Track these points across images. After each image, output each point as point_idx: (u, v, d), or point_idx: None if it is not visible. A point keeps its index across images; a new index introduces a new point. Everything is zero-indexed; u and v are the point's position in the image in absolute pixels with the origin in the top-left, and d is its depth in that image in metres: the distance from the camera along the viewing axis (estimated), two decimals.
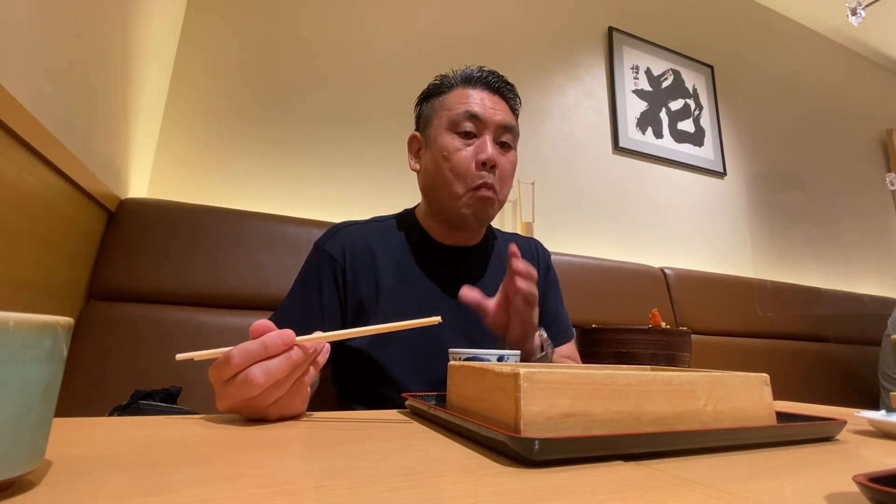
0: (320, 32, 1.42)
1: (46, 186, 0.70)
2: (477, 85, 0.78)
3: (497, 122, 0.76)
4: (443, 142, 0.75)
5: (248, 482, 0.24)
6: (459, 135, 0.75)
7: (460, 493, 0.24)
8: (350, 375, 0.75)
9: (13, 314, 0.20)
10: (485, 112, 0.75)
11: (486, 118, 0.75)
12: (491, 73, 0.80)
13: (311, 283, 0.74)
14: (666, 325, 0.65)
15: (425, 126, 0.81)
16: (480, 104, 0.76)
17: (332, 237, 0.79)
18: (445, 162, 0.75)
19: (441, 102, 0.79)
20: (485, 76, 0.79)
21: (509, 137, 0.78)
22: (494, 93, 0.79)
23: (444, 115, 0.77)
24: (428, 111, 0.81)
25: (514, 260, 0.61)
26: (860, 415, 0.48)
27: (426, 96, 0.83)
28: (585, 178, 1.76)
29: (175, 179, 1.19)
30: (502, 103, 0.79)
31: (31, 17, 0.62)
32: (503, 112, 0.77)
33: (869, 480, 0.21)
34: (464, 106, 0.75)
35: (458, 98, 0.77)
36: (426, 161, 0.80)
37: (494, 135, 0.76)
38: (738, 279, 1.74)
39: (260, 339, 0.40)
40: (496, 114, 0.76)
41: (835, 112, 2.53)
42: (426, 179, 0.80)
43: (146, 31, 1.01)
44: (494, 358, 0.58)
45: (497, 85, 0.79)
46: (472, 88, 0.78)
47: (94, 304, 0.90)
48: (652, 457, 0.31)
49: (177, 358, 0.42)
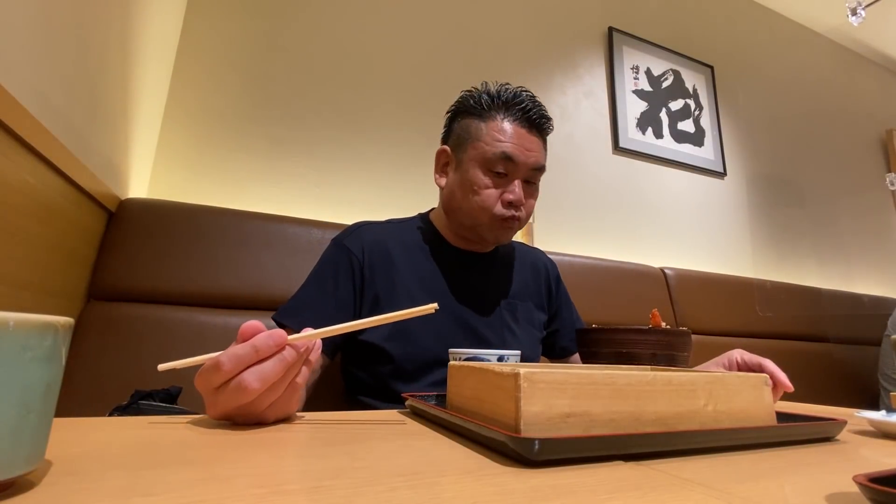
0: (320, 32, 1.42)
1: (46, 186, 0.70)
2: (516, 118, 0.76)
3: (531, 164, 0.75)
4: (474, 175, 0.75)
5: (248, 482, 0.24)
6: (492, 173, 0.75)
7: (460, 493, 0.24)
8: (362, 369, 0.76)
9: (13, 314, 0.20)
10: (520, 155, 0.74)
11: (520, 162, 0.74)
12: (531, 106, 0.77)
13: (328, 275, 0.75)
14: (666, 325, 0.65)
15: (457, 146, 0.79)
16: (517, 145, 0.74)
17: (351, 234, 0.80)
18: (473, 195, 0.75)
19: (477, 129, 0.76)
20: (525, 109, 0.76)
21: (537, 177, 0.79)
22: (532, 129, 0.77)
23: (480, 148, 0.75)
24: (462, 132, 0.79)
25: None
26: (860, 415, 0.48)
27: (461, 112, 0.81)
28: (585, 178, 1.76)
29: (175, 179, 1.19)
30: (538, 141, 0.77)
31: (32, 17, 0.62)
32: (537, 153, 0.77)
33: (869, 480, 0.21)
34: (500, 146, 0.74)
35: (494, 132, 0.75)
36: (452, 181, 0.79)
37: (526, 176, 0.76)
38: (738, 279, 1.74)
39: (250, 343, 0.38)
40: (531, 157, 0.75)
41: (835, 112, 2.53)
42: (451, 199, 0.80)
43: (146, 31, 1.01)
44: (494, 358, 0.58)
45: (536, 120, 0.77)
46: (510, 122, 0.76)
47: (94, 304, 0.90)
48: (652, 457, 0.31)
49: (159, 368, 0.40)
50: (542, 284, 0.92)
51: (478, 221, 0.77)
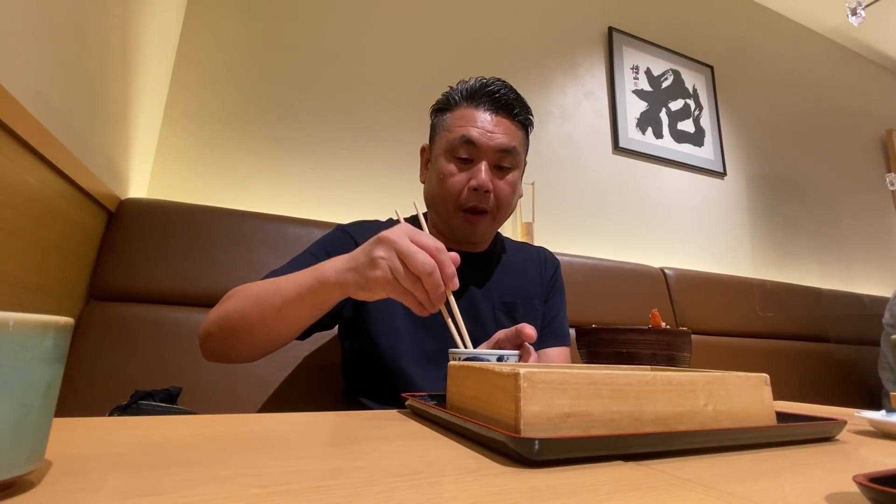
0: (320, 33, 1.42)
1: (46, 186, 0.70)
2: (481, 103, 0.75)
3: (494, 146, 0.74)
4: (440, 165, 0.76)
5: (248, 482, 0.24)
6: (456, 159, 0.75)
7: (460, 493, 0.24)
8: (360, 370, 0.76)
9: (13, 314, 0.20)
10: (482, 137, 0.73)
11: (482, 144, 0.73)
12: (497, 89, 0.76)
13: (321, 249, 0.75)
14: (666, 325, 0.65)
15: (431, 141, 0.81)
16: (479, 129, 0.74)
17: (355, 224, 0.83)
18: (440, 184, 0.76)
19: (444, 121, 0.77)
20: (490, 92, 0.75)
21: (509, 160, 0.76)
22: (499, 111, 0.75)
23: (444, 137, 0.76)
24: (434, 126, 0.81)
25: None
26: (860, 415, 0.48)
27: (436, 110, 0.82)
28: (585, 178, 1.76)
29: (175, 179, 1.19)
30: (505, 123, 0.76)
31: (32, 17, 0.62)
32: (504, 134, 0.75)
33: (869, 480, 0.21)
34: (461, 130, 0.74)
35: (458, 120, 0.75)
36: (430, 176, 0.81)
37: (492, 159, 0.75)
38: (738, 279, 1.73)
39: (434, 243, 0.50)
40: (494, 138, 0.74)
41: (835, 112, 2.53)
42: (428, 194, 0.81)
43: (146, 31, 1.01)
44: (494, 358, 0.58)
45: (503, 101, 0.75)
46: (475, 108, 0.75)
47: (94, 304, 0.90)
48: (652, 457, 0.31)
49: None
50: (543, 277, 0.90)
51: (448, 213, 0.77)
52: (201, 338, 0.65)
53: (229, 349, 0.64)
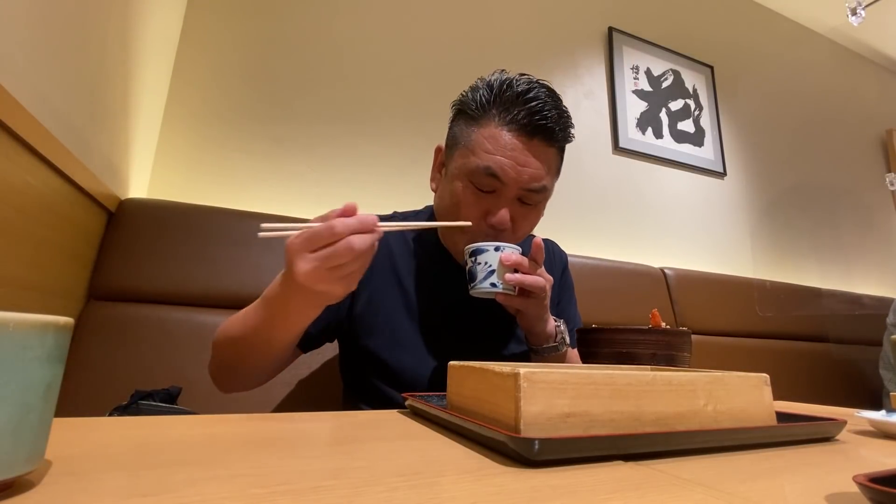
0: (321, 32, 1.42)
1: (46, 186, 0.70)
2: (514, 120, 0.62)
3: (523, 183, 0.63)
4: (455, 188, 0.65)
5: (248, 482, 0.24)
6: (475, 188, 0.64)
7: (460, 493, 0.24)
8: (360, 377, 0.75)
9: (13, 314, 0.20)
10: (510, 171, 0.62)
11: (508, 179, 0.62)
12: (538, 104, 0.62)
13: None
14: (666, 325, 0.65)
15: (449, 149, 0.70)
16: (508, 160, 0.61)
17: None
18: (454, 209, 0.66)
19: (468, 134, 0.65)
20: (530, 108, 0.62)
21: (535, 199, 0.66)
22: (535, 134, 0.62)
23: (466, 157, 0.64)
24: (456, 134, 0.68)
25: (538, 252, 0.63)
26: (860, 415, 0.48)
27: (460, 111, 0.69)
28: (585, 178, 1.76)
29: (175, 179, 1.19)
30: (540, 149, 0.64)
31: (32, 17, 0.62)
32: (536, 167, 0.63)
33: (869, 480, 0.21)
34: (487, 158, 0.62)
35: (485, 141, 0.62)
36: (442, 187, 0.71)
37: (518, 194, 0.64)
38: (738, 279, 1.74)
39: (357, 217, 0.47)
40: (524, 173, 0.62)
41: (835, 112, 2.53)
42: (439, 206, 0.73)
43: (146, 31, 1.01)
44: (493, 248, 0.60)
45: (542, 122, 0.62)
46: (506, 126, 0.62)
47: (94, 304, 0.90)
48: (652, 457, 0.31)
49: (259, 235, 0.50)
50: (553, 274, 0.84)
51: (453, 240, 0.69)
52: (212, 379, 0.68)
53: (238, 385, 0.68)
